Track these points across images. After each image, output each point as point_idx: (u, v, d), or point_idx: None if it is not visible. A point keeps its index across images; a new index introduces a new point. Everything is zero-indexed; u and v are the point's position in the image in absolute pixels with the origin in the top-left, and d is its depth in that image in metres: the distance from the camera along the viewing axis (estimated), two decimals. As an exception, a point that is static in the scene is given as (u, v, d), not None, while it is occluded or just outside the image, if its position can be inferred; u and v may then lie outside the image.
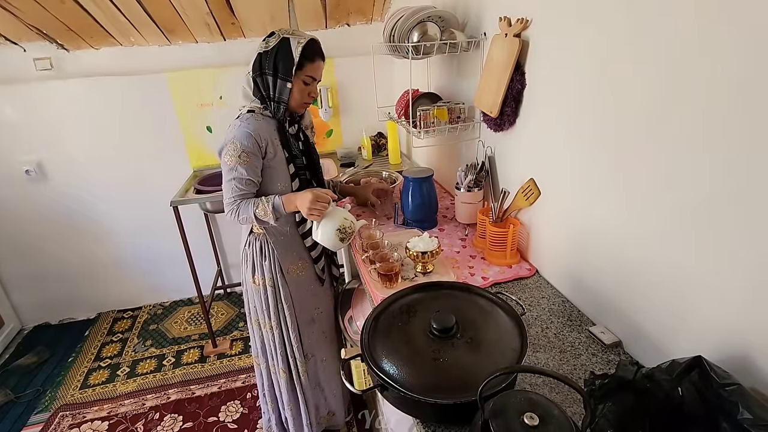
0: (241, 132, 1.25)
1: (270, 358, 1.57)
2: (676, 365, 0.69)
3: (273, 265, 1.43)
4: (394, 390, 0.76)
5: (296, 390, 1.59)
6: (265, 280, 1.44)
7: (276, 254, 1.42)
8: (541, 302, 1.13)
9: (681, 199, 0.77)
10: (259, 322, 1.53)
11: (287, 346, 1.53)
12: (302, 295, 1.51)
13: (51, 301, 2.66)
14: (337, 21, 2.36)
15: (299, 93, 1.29)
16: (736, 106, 0.65)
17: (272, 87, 1.27)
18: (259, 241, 1.42)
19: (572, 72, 1.01)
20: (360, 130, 2.47)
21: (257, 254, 1.43)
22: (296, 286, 1.48)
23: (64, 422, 1.99)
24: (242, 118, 1.29)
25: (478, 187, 1.46)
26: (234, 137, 1.25)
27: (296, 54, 1.23)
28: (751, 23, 0.61)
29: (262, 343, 1.56)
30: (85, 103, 2.27)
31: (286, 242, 1.44)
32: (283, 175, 1.35)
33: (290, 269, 1.46)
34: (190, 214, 2.37)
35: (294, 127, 1.38)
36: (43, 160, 2.34)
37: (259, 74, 1.28)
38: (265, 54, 1.26)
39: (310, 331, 1.56)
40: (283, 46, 1.24)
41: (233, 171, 1.26)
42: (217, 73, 2.33)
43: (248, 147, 1.25)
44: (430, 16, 1.40)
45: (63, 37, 2.09)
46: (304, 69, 1.26)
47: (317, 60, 1.29)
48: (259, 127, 1.28)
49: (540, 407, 0.63)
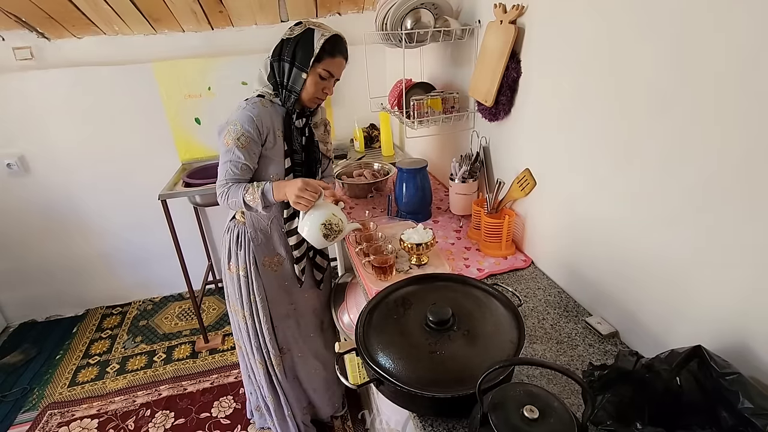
0: (244, 115, 1.22)
1: (244, 344, 1.56)
2: (675, 355, 0.68)
3: (247, 255, 1.41)
4: (390, 384, 0.75)
5: (273, 382, 1.59)
6: (239, 268, 1.43)
7: (252, 246, 1.41)
8: (537, 293, 1.12)
9: (679, 188, 0.76)
10: (233, 308, 1.52)
11: (260, 338, 1.51)
12: (276, 290, 1.48)
13: (37, 297, 2.60)
14: (327, 10, 2.31)
15: (313, 86, 1.25)
16: (744, 89, 0.64)
17: (287, 74, 1.24)
18: (238, 228, 1.41)
19: (570, 59, 0.99)
20: (352, 121, 2.44)
21: (233, 242, 1.42)
22: (270, 280, 1.46)
23: (53, 420, 1.95)
24: (249, 101, 1.26)
25: (472, 178, 1.44)
26: (236, 119, 1.22)
27: (317, 45, 1.20)
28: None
29: (237, 328, 1.56)
30: (68, 94, 2.19)
31: (265, 238, 1.42)
32: (278, 167, 1.31)
33: (265, 262, 1.44)
34: (179, 207, 2.32)
35: (301, 121, 1.33)
36: (26, 154, 2.26)
37: (277, 59, 1.25)
38: (287, 41, 1.23)
39: (286, 326, 1.54)
40: (305, 36, 1.21)
41: (230, 153, 1.23)
42: (205, 63, 2.27)
43: (248, 131, 1.22)
44: (423, 3, 1.37)
45: (44, 26, 2.01)
46: (323, 62, 1.23)
47: (338, 56, 1.25)
48: (264, 114, 1.25)
49: (540, 400, 0.62)
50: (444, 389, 0.72)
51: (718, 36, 0.65)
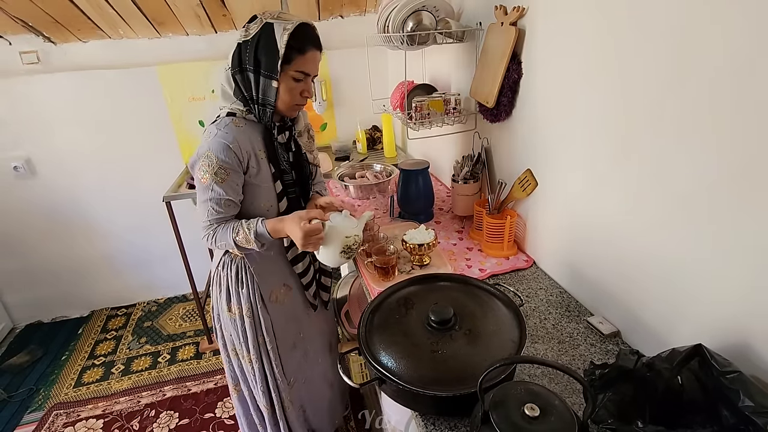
0: (217, 143, 1.03)
1: (252, 388, 1.39)
2: (676, 354, 0.68)
3: (252, 293, 1.22)
4: (392, 383, 0.76)
5: (279, 422, 1.42)
6: (242, 309, 1.24)
7: (255, 280, 1.22)
8: (539, 293, 1.12)
9: (680, 188, 0.76)
10: (236, 351, 1.33)
11: (269, 378, 1.34)
12: (284, 324, 1.31)
13: (43, 299, 2.62)
14: (330, 12, 2.33)
15: (288, 93, 1.05)
16: (739, 94, 0.64)
17: (254, 86, 1.04)
18: (236, 264, 1.21)
19: (571, 60, 0.99)
20: (355, 123, 2.45)
21: (232, 279, 1.22)
22: (278, 315, 1.29)
23: (59, 421, 1.97)
24: (219, 124, 1.06)
25: (474, 178, 1.45)
26: (209, 149, 1.03)
27: (282, 44, 0.99)
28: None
29: (241, 372, 1.37)
30: (74, 98, 2.22)
31: (269, 266, 1.24)
32: (269, 194, 1.15)
33: (272, 296, 1.26)
34: (183, 209, 2.33)
35: (284, 135, 1.16)
36: (32, 156, 2.29)
37: (238, 70, 1.04)
38: (244, 45, 1.02)
39: (292, 357, 1.37)
40: (265, 34, 1.00)
41: (208, 191, 1.05)
42: (208, 66, 2.29)
43: (226, 162, 1.03)
44: (424, 6, 1.38)
45: (50, 30, 2.04)
46: (293, 63, 1.02)
47: (310, 50, 1.04)
48: (240, 136, 1.06)
49: (540, 398, 0.62)
50: (446, 388, 0.73)
51: (715, 28, 0.66)
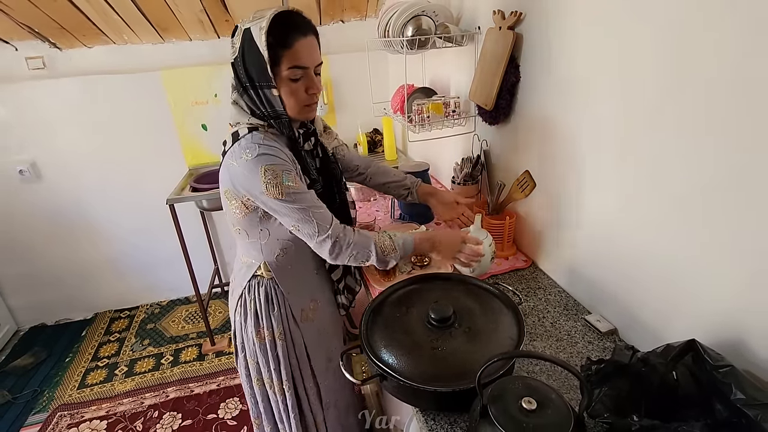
0: (266, 157, 0.92)
1: (278, 422, 1.26)
2: (670, 349, 0.70)
3: (285, 314, 1.13)
4: (393, 379, 0.77)
5: None
6: (274, 332, 1.13)
7: (286, 298, 1.12)
8: (538, 293, 1.14)
9: (676, 187, 0.78)
10: (262, 381, 1.20)
11: (303, 405, 1.22)
12: (316, 342, 1.21)
13: (47, 301, 2.65)
14: (331, 17, 2.36)
15: (292, 96, 0.95)
16: (736, 95, 0.66)
17: (259, 101, 0.96)
18: (265, 286, 1.11)
19: (567, 63, 1.01)
20: (356, 126, 2.47)
21: (261, 303, 1.11)
22: (311, 333, 1.19)
23: (63, 422, 1.98)
24: (250, 139, 0.94)
25: (473, 180, 1.47)
26: (262, 165, 0.91)
27: (262, 46, 0.88)
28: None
29: (266, 405, 1.25)
30: (79, 103, 2.25)
31: (298, 282, 1.14)
32: None
33: (303, 314, 1.16)
34: (186, 212, 2.36)
35: (310, 142, 1.07)
36: (37, 160, 2.32)
37: (241, 92, 0.97)
38: (235, 62, 0.94)
39: (327, 376, 1.25)
40: (247, 43, 0.90)
41: (292, 201, 0.92)
42: (211, 70, 2.32)
43: (284, 164, 0.94)
44: (424, 11, 1.40)
45: (55, 36, 2.07)
46: (283, 61, 0.90)
47: (296, 39, 0.90)
48: (276, 144, 0.96)
49: (538, 392, 0.64)
50: (446, 384, 0.75)
51: (710, 35, 0.68)
